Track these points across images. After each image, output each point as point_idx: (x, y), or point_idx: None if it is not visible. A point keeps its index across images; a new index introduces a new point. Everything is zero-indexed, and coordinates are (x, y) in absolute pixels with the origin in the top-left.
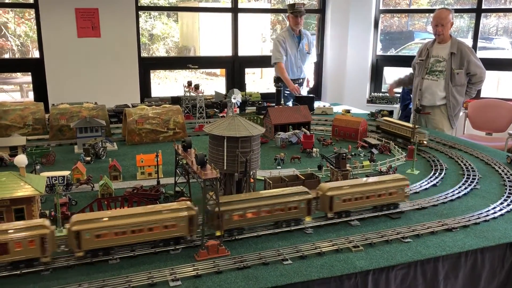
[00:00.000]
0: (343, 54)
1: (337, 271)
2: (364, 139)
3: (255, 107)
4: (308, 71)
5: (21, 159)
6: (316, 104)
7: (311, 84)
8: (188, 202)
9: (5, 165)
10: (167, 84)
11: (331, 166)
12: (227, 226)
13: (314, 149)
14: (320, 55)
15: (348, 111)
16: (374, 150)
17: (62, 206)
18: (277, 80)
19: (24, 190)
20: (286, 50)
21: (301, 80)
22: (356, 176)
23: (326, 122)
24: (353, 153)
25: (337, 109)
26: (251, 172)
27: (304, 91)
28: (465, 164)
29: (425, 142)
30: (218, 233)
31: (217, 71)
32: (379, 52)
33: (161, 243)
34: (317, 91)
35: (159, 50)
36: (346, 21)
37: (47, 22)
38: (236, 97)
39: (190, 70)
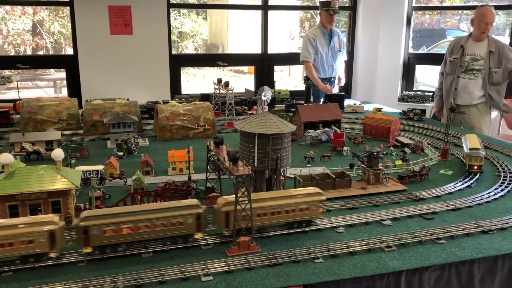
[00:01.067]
0: (374, 52)
1: (369, 270)
2: (396, 138)
3: (284, 105)
4: (339, 69)
5: (58, 153)
6: (347, 102)
7: (343, 82)
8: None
9: (42, 158)
10: (195, 81)
11: (363, 165)
12: (96, 243)
13: (345, 148)
14: (351, 53)
15: (379, 110)
16: (406, 149)
17: (96, 199)
18: (307, 78)
19: (60, 183)
20: (317, 48)
21: (333, 78)
22: (389, 176)
23: (356, 121)
24: (384, 152)
25: (368, 107)
26: (282, 170)
27: (335, 90)
28: (501, 165)
29: (475, 167)
30: (85, 250)
31: (245, 68)
32: (411, 50)
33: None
34: (347, 89)
35: (188, 48)
36: (378, 19)
37: (81, 20)
38: (266, 95)
39: (218, 67)
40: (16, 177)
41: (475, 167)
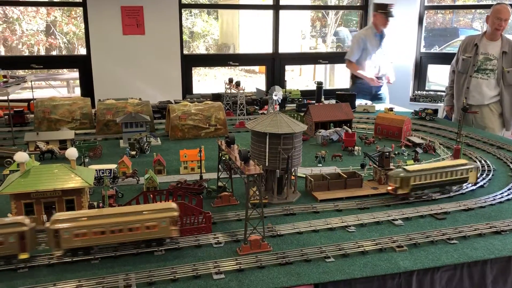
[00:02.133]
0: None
1: (380, 270)
2: (407, 138)
3: (295, 104)
4: (388, 69)
5: (72, 152)
6: (358, 101)
7: (392, 80)
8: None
9: (55, 157)
10: (206, 81)
11: (374, 165)
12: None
13: (356, 147)
14: None
15: (390, 109)
16: (418, 149)
17: (109, 198)
18: (354, 77)
19: (74, 182)
20: (366, 49)
21: (381, 77)
22: None
23: (368, 120)
24: (396, 152)
25: (379, 107)
26: (293, 169)
27: (384, 88)
28: None
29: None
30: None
31: (256, 68)
32: (423, 50)
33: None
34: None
35: (199, 48)
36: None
37: (94, 20)
38: (277, 94)
39: (229, 67)
40: (31, 176)
41: (390, 188)
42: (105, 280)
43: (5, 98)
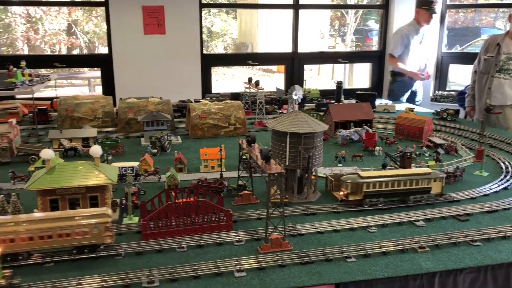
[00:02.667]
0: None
1: (402, 271)
2: (429, 139)
3: (314, 104)
4: (428, 65)
5: (96, 150)
6: (378, 101)
7: (431, 75)
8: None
9: (78, 155)
10: (224, 80)
11: (396, 165)
12: None
13: (377, 148)
14: (383, 52)
15: (411, 110)
16: (440, 150)
17: (132, 195)
18: (395, 73)
19: (98, 178)
20: (408, 45)
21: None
22: None
23: (388, 120)
24: (417, 153)
25: (400, 107)
26: (313, 169)
27: (417, 84)
28: None
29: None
30: None
31: (274, 67)
32: (444, 49)
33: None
34: (378, 88)
35: (217, 47)
36: (411, 17)
37: (116, 19)
38: (297, 94)
39: (247, 66)
40: (57, 172)
41: (342, 194)
42: (129, 276)
43: (30, 96)
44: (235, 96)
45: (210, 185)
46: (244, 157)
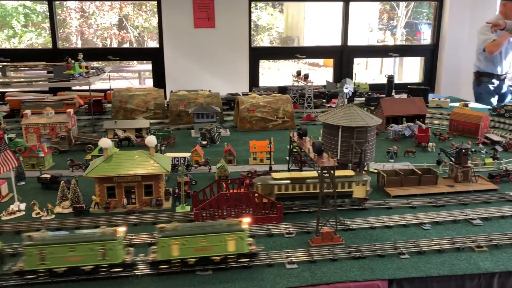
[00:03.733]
0: (462, 43)
1: (458, 270)
2: (485, 135)
3: (363, 98)
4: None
5: (151, 140)
6: (430, 96)
7: None
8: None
9: (132, 145)
10: (269, 74)
11: (451, 162)
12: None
13: (430, 143)
14: (435, 45)
15: (466, 105)
16: (498, 147)
17: (184, 184)
18: (479, 74)
19: (153, 168)
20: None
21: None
22: (478, 174)
23: (441, 116)
24: (473, 150)
25: (454, 102)
26: (365, 164)
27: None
28: None
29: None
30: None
31: (320, 61)
32: None
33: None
34: (430, 82)
35: (263, 41)
36: (467, 9)
37: (167, 13)
38: (348, 87)
39: (294, 60)
40: (114, 161)
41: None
42: None
43: (85, 87)
44: (282, 90)
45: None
46: (295, 150)
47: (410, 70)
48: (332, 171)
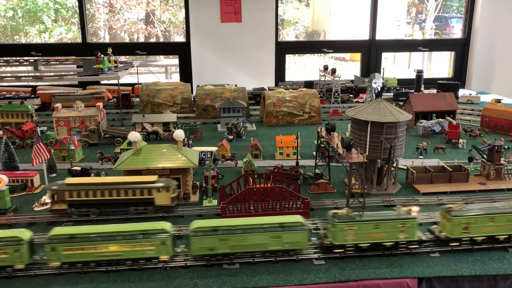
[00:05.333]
0: (494, 37)
1: (491, 269)
2: None
3: (391, 93)
4: None
5: (180, 134)
6: (461, 92)
7: None
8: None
9: (160, 138)
10: (294, 69)
11: (483, 159)
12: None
13: (461, 140)
14: (467, 39)
15: (498, 101)
16: None
17: (211, 178)
18: None
19: (181, 161)
20: None
21: None
22: (511, 172)
23: (472, 112)
24: (506, 147)
25: (485, 98)
26: (394, 160)
27: None
28: None
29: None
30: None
31: (347, 55)
32: None
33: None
34: (460, 77)
35: (289, 35)
36: (501, 2)
37: (194, 8)
38: (377, 82)
39: (319, 54)
40: (143, 154)
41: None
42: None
43: (113, 82)
44: (308, 84)
45: (286, 172)
46: (322, 145)
47: (439, 65)
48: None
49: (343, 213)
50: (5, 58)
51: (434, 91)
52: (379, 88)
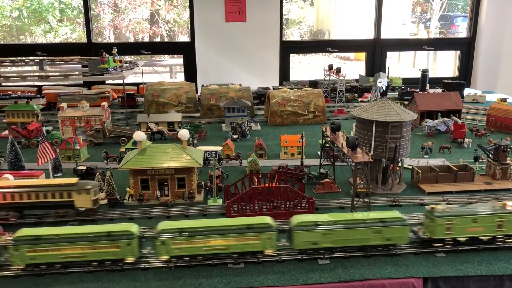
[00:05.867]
0: (500, 36)
1: (497, 270)
2: None
3: (396, 93)
4: None
5: (184, 133)
6: (466, 91)
7: None
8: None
9: (164, 138)
10: (299, 68)
11: (488, 159)
12: None
13: (466, 139)
14: (472, 38)
15: (504, 100)
16: None
17: (216, 178)
18: None
19: (186, 161)
20: None
21: None
22: None
23: (478, 111)
24: None
25: (491, 97)
26: (400, 159)
27: None
28: None
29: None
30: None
31: (351, 55)
32: None
33: None
34: (466, 76)
35: (293, 34)
36: (505, 2)
37: (199, 8)
38: (382, 81)
39: (324, 54)
40: (148, 154)
41: None
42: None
43: (118, 81)
44: (313, 84)
45: (290, 171)
46: (327, 145)
47: (445, 64)
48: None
49: (442, 208)
50: (10, 58)
51: (439, 90)
52: (384, 88)
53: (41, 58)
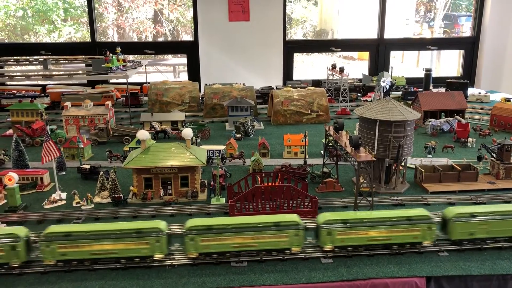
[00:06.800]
0: (504, 35)
1: (500, 269)
2: None
3: (400, 92)
4: None
5: (188, 132)
6: (470, 90)
7: None
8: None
9: (168, 137)
10: (302, 68)
11: (492, 158)
12: None
13: (470, 139)
14: (476, 38)
15: (508, 100)
16: None
17: (219, 177)
18: None
19: (189, 160)
20: None
21: None
22: None
23: (481, 111)
24: None
25: (495, 97)
26: (403, 159)
27: None
28: None
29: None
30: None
31: (355, 54)
32: None
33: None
34: (470, 76)
35: (297, 34)
36: (509, 1)
37: (203, 7)
38: (386, 80)
39: (327, 53)
40: (151, 153)
41: None
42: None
43: (122, 80)
44: (316, 83)
45: (294, 171)
46: (330, 144)
47: (448, 64)
48: None
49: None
50: (15, 57)
51: (443, 89)
52: (387, 87)
53: (45, 57)
